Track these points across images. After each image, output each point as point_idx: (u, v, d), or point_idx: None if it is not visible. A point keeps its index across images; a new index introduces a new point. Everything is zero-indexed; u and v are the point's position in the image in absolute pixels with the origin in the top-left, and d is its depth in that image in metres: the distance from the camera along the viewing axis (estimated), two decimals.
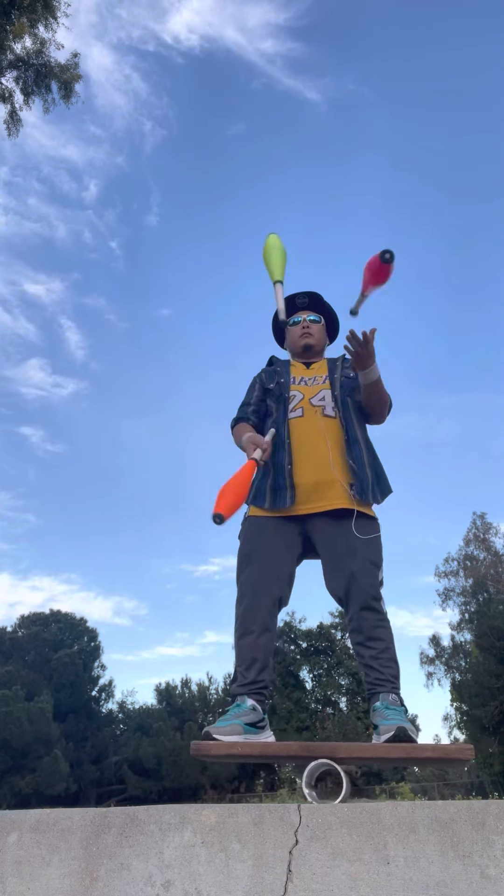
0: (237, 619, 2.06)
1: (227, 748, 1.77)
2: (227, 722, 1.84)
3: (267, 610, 2.04)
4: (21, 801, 23.32)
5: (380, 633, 1.99)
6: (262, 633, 2.01)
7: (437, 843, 1.21)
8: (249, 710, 1.90)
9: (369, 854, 1.21)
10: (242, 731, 1.84)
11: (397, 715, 1.84)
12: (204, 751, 1.77)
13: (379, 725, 1.84)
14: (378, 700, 1.91)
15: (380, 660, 1.96)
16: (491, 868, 1.18)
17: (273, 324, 2.63)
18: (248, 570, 2.09)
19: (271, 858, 1.23)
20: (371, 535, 2.07)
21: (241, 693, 1.95)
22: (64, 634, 31.53)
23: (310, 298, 2.55)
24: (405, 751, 1.68)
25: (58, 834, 1.35)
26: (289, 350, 2.59)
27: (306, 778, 1.69)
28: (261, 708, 1.93)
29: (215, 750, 1.77)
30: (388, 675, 1.94)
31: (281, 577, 2.10)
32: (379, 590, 2.05)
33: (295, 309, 2.57)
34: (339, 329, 2.65)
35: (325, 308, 2.58)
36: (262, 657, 1.99)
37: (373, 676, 1.95)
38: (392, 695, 1.91)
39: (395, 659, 2.00)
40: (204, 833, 1.28)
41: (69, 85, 14.44)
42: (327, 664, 33.56)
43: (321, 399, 2.30)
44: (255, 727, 1.89)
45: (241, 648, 2.01)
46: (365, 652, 1.99)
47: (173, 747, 27.05)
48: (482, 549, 31.32)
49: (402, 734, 1.74)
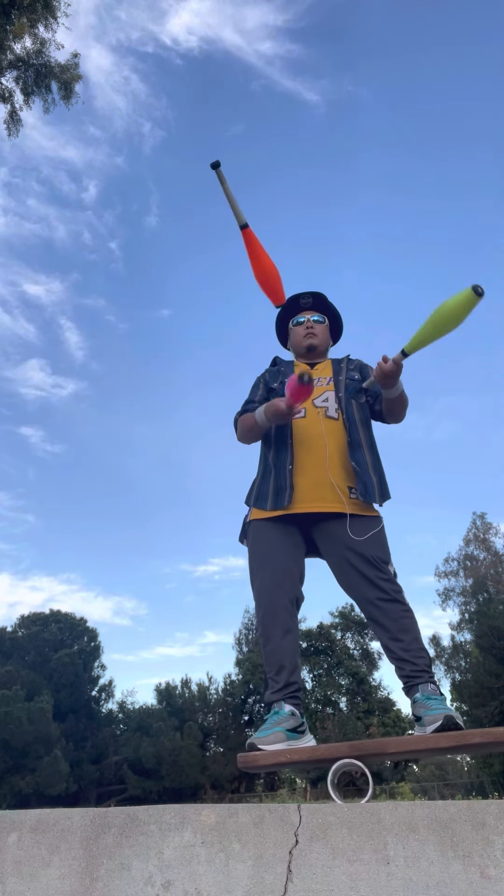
0: (259, 626, 2.07)
1: (273, 757, 1.74)
2: (269, 731, 1.82)
3: (286, 611, 2.03)
4: (21, 801, 23.32)
5: (407, 623, 1.98)
6: (284, 635, 2.00)
7: (437, 843, 1.21)
8: (288, 715, 1.88)
9: (369, 854, 1.21)
10: (285, 737, 1.83)
11: (440, 704, 1.83)
12: (251, 762, 1.74)
13: (423, 717, 1.82)
14: (418, 692, 1.89)
15: (411, 651, 1.95)
16: (491, 868, 1.18)
17: (277, 324, 2.63)
18: (260, 575, 2.09)
19: (271, 858, 1.23)
20: (369, 534, 2.06)
21: (276, 700, 1.93)
22: (64, 634, 31.52)
23: (314, 298, 2.54)
24: (455, 739, 1.66)
25: (58, 834, 1.35)
26: (292, 350, 2.58)
27: (332, 777, 1.66)
28: (299, 712, 1.92)
29: (263, 760, 1.74)
30: (422, 666, 1.93)
31: (294, 577, 2.10)
32: (397, 582, 2.04)
33: (299, 309, 2.56)
34: (343, 329, 2.65)
35: (329, 308, 2.57)
36: (289, 660, 1.98)
37: (408, 669, 1.94)
38: (430, 685, 1.90)
39: (425, 648, 1.99)
40: (204, 833, 1.28)
41: (69, 85, 14.43)
42: (327, 664, 33.57)
43: (324, 400, 2.30)
44: (296, 732, 1.87)
45: (268, 654, 2.00)
46: (394, 646, 1.97)
47: (173, 747, 27.05)
48: (482, 549, 31.33)
49: (450, 723, 1.72)
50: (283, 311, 2.59)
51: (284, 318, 2.61)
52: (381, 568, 2.03)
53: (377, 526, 2.11)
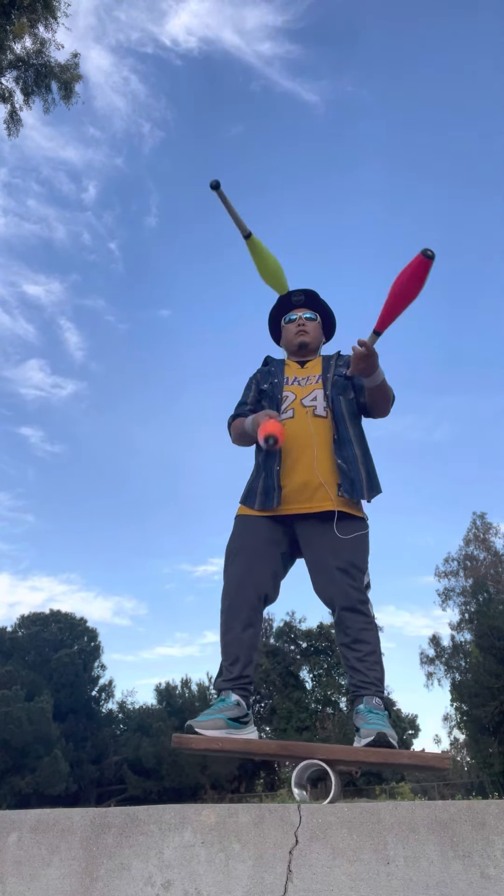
0: (222, 615, 2.08)
1: (207, 742, 1.78)
2: (210, 716, 1.86)
3: (251, 606, 2.05)
4: (21, 801, 23.31)
5: (365, 635, 1.99)
6: (245, 628, 2.02)
7: (437, 843, 1.21)
8: (234, 704, 1.91)
9: (369, 854, 1.21)
10: (225, 725, 1.85)
11: (379, 720, 1.85)
12: (185, 743, 1.79)
13: (361, 728, 1.85)
14: (362, 703, 1.92)
15: (365, 662, 1.97)
16: (491, 868, 1.18)
17: (269, 321, 2.64)
18: (233, 566, 2.11)
19: (271, 858, 1.23)
20: (354, 534, 2.07)
21: (225, 688, 1.96)
22: (64, 634, 31.52)
23: (306, 296, 2.55)
24: (383, 756, 1.70)
25: (58, 834, 1.35)
26: (284, 348, 2.58)
27: (295, 777, 1.71)
28: (245, 703, 1.94)
29: (196, 744, 1.78)
30: (372, 678, 1.95)
31: (266, 575, 2.10)
32: (365, 593, 2.05)
33: (291, 306, 2.56)
34: (336, 327, 2.65)
35: (321, 305, 2.57)
36: (245, 653, 2.00)
37: (357, 679, 1.96)
38: (375, 698, 1.92)
39: (381, 662, 2.00)
40: (204, 833, 1.28)
41: (69, 85, 14.42)
42: (327, 664, 33.57)
43: (313, 399, 2.30)
44: (239, 722, 1.90)
45: (226, 644, 2.02)
46: (350, 654, 2.00)
47: (173, 748, 27.03)
48: (482, 549, 31.33)
49: (381, 740, 1.75)
50: (275, 308, 2.60)
51: (277, 316, 2.61)
52: (354, 576, 2.04)
53: (363, 529, 2.12)
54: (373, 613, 2.05)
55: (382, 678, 1.98)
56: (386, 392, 2.29)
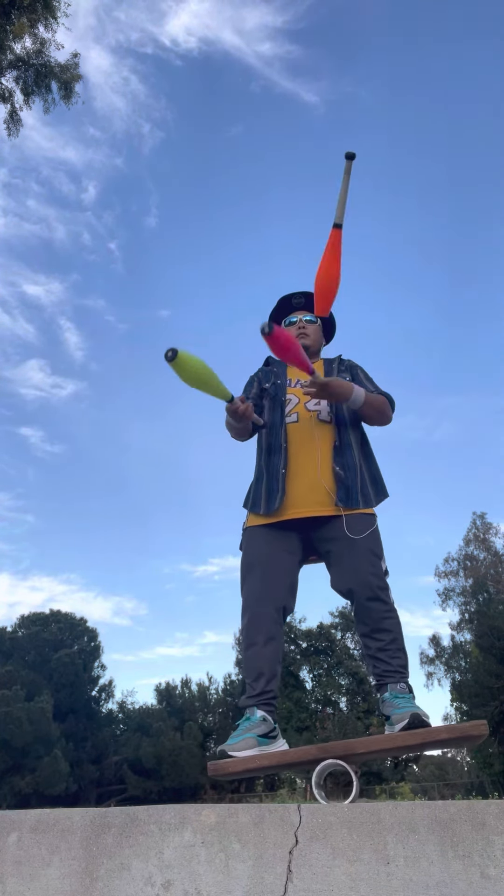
0: (242, 631, 2.06)
1: (243, 764, 1.75)
2: (240, 737, 1.83)
3: (271, 619, 2.03)
4: (21, 801, 23.31)
5: (387, 623, 1.98)
6: (266, 643, 2.00)
7: (437, 843, 1.21)
8: (260, 721, 1.89)
9: (369, 854, 1.21)
10: (256, 743, 1.83)
11: (408, 703, 1.83)
12: (222, 770, 1.76)
13: (391, 715, 1.83)
14: (387, 691, 1.90)
15: (388, 651, 1.95)
16: (491, 868, 1.18)
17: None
18: (250, 580, 2.09)
19: (271, 858, 1.23)
20: (365, 533, 2.06)
21: (250, 705, 1.94)
22: (64, 634, 31.50)
23: (306, 299, 2.55)
24: (422, 736, 1.67)
25: (58, 834, 1.35)
26: None
27: (316, 778, 1.68)
28: (271, 718, 1.93)
29: (233, 767, 1.76)
30: (396, 666, 1.93)
31: (284, 586, 2.09)
32: (384, 579, 2.04)
33: (291, 309, 2.56)
34: (335, 330, 2.65)
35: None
36: (268, 668, 1.98)
37: (381, 668, 1.94)
38: (400, 683, 1.90)
39: (404, 649, 1.99)
40: (204, 833, 1.28)
41: (69, 85, 14.43)
42: (327, 664, 33.55)
43: (317, 404, 2.30)
44: (268, 737, 1.88)
45: (248, 660, 2.00)
46: (372, 643, 1.98)
47: (173, 747, 27.05)
48: (482, 549, 31.33)
49: (416, 721, 1.72)
50: (275, 311, 2.60)
51: (276, 319, 2.61)
52: (373, 563, 2.03)
53: (372, 524, 2.11)
54: (392, 600, 2.03)
55: (406, 665, 1.97)
56: (375, 409, 2.28)
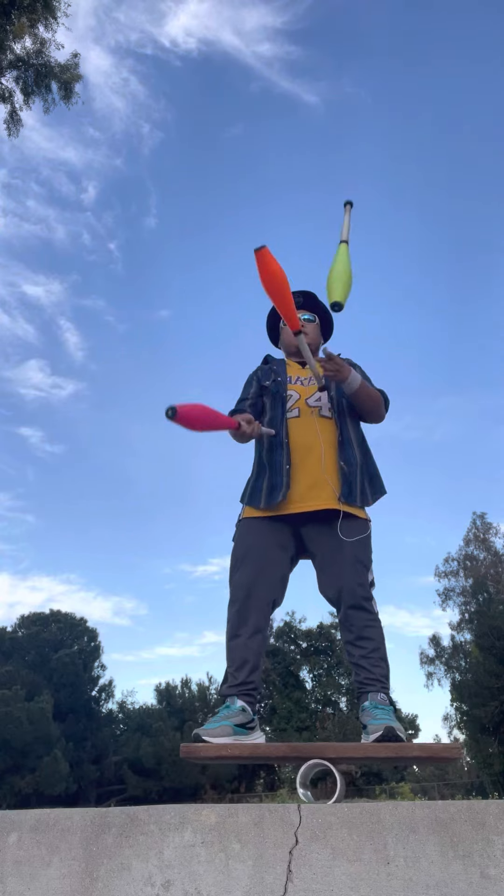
0: (229, 621, 2.07)
1: (216, 750, 1.77)
2: (217, 724, 1.85)
3: (259, 611, 2.04)
4: (21, 801, 23.31)
5: (370, 632, 2.00)
6: (252, 634, 2.01)
7: (437, 843, 1.21)
8: (239, 711, 1.91)
9: (369, 854, 1.21)
10: (232, 731, 1.85)
11: (385, 714, 1.85)
12: (194, 753, 1.77)
13: (367, 725, 1.85)
14: (367, 699, 1.93)
15: (370, 659, 1.97)
16: (491, 868, 1.18)
17: (267, 324, 2.64)
18: (240, 571, 2.10)
19: (271, 858, 1.23)
20: (358, 537, 2.07)
21: (230, 694, 1.95)
22: (64, 634, 31.51)
23: (304, 297, 2.55)
24: (393, 750, 1.69)
25: (58, 834, 1.35)
26: (283, 350, 2.59)
27: (300, 778, 1.71)
28: (251, 709, 1.94)
29: (205, 752, 1.77)
30: (377, 675, 1.95)
31: (274, 579, 2.10)
32: (369, 590, 2.06)
33: None
34: (333, 328, 2.65)
35: (319, 307, 2.58)
36: (252, 658, 1.99)
37: (362, 676, 1.97)
38: (381, 694, 1.93)
39: (385, 658, 2.01)
40: (204, 833, 1.28)
41: (69, 85, 14.42)
42: (327, 664, 33.56)
43: (317, 399, 2.31)
44: (245, 728, 1.90)
45: (232, 650, 2.02)
46: (355, 651, 2.00)
47: (173, 747, 27.02)
48: (482, 549, 31.34)
49: (389, 734, 1.75)
50: (273, 310, 2.59)
51: (275, 318, 2.61)
52: (359, 573, 2.04)
53: (365, 531, 2.12)
54: (377, 610, 2.05)
55: (387, 675, 1.99)
56: (368, 397, 2.29)
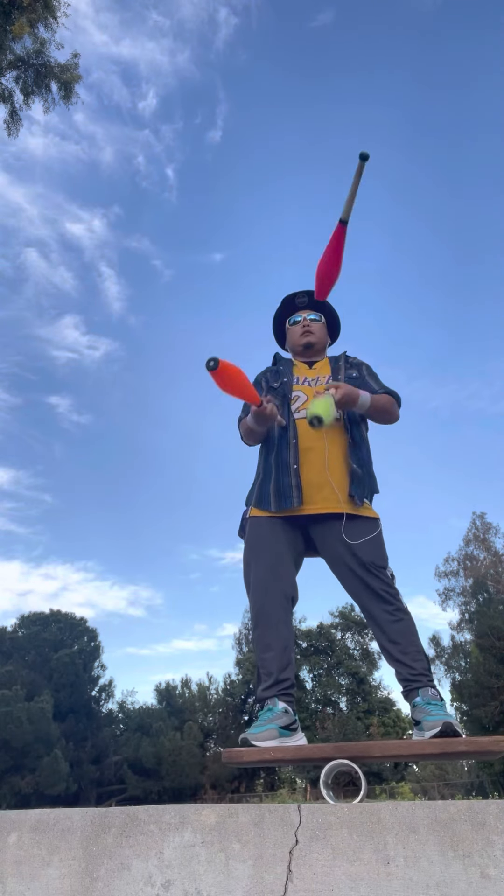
0: (252, 620, 2.07)
1: (259, 754, 1.74)
2: (263, 727, 1.83)
3: (282, 607, 2.04)
4: (21, 801, 23.31)
5: (402, 627, 1.98)
6: (279, 633, 2.00)
7: (437, 843, 1.21)
8: (282, 712, 1.89)
9: (369, 854, 1.21)
10: (278, 734, 1.83)
11: (440, 710, 1.82)
12: (236, 758, 1.74)
13: (422, 721, 1.81)
14: (418, 696, 1.89)
15: (408, 654, 1.95)
16: (491, 868, 1.18)
17: (274, 324, 2.64)
18: (255, 572, 2.10)
19: (271, 858, 1.23)
20: (366, 538, 2.06)
21: (269, 696, 1.93)
22: (64, 634, 31.52)
23: (309, 297, 2.55)
24: (440, 746, 1.66)
25: (58, 834, 1.35)
26: (290, 350, 2.59)
27: (324, 777, 1.67)
28: (291, 710, 1.92)
29: (248, 756, 1.74)
30: (420, 669, 1.93)
31: (290, 576, 2.10)
32: (392, 585, 2.04)
33: (295, 308, 2.57)
34: (340, 328, 2.65)
35: (325, 307, 2.58)
36: (283, 657, 1.98)
37: (405, 672, 1.94)
38: (431, 689, 1.90)
39: (423, 651, 1.98)
40: (204, 833, 1.28)
41: (69, 85, 14.44)
42: (327, 664, 33.58)
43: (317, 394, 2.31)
44: (289, 729, 1.88)
45: (262, 650, 2.01)
46: (392, 648, 1.97)
47: (173, 747, 27.06)
48: (482, 549, 31.35)
49: (448, 730, 1.71)
50: (279, 311, 2.60)
51: (281, 318, 2.61)
52: (376, 573, 2.03)
53: (375, 529, 2.11)
54: (404, 604, 2.02)
55: (429, 667, 1.97)
56: (382, 410, 2.29)
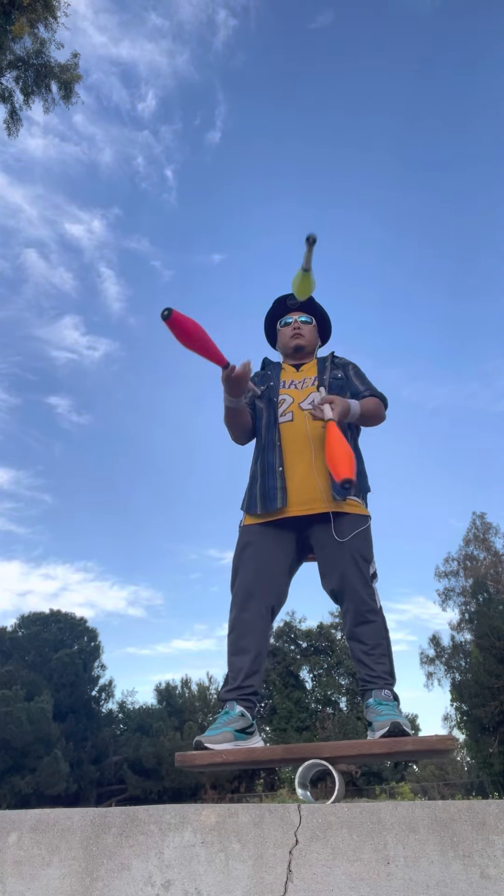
0: (230, 626, 2.07)
1: (211, 757, 1.76)
2: (218, 730, 1.85)
3: (260, 616, 2.04)
4: (21, 801, 23.31)
5: (371, 628, 1.98)
6: (253, 640, 2.01)
7: (437, 843, 1.21)
8: (238, 716, 1.90)
9: (369, 854, 1.21)
10: (233, 737, 1.84)
11: (390, 710, 1.83)
12: (189, 761, 1.76)
13: (373, 722, 1.84)
14: (371, 697, 1.91)
15: (372, 656, 1.96)
16: (491, 868, 1.18)
17: (265, 325, 2.66)
18: (240, 576, 2.10)
19: (271, 858, 1.23)
20: (355, 532, 2.06)
21: (229, 699, 1.95)
22: (64, 634, 31.52)
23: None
24: (387, 746, 1.67)
25: (58, 834, 1.35)
26: (280, 351, 2.61)
27: (299, 778, 1.70)
28: (249, 714, 1.94)
29: (200, 759, 1.76)
30: (379, 672, 1.94)
31: (275, 582, 2.10)
32: (371, 583, 2.05)
33: (286, 310, 2.58)
34: (331, 330, 2.66)
35: (316, 309, 2.59)
36: (250, 664, 1.99)
37: (364, 673, 1.96)
38: (385, 690, 1.91)
39: (389, 655, 1.99)
40: (204, 833, 1.28)
41: (69, 85, 14.45)
42: (327, 664, 33.57)
43: (310, 402, 2.31)
44: (245, 733, 1.89)
45: (231, 654, 2.02)
46: (357, 647, 1.99)
47: (173, 747, 27.05)
48: (482, 549, 31.35)
49: (396, 729, 1.73)
50: (270, 312, 2.61)
51: (272, 320, 2.63)
52: (360, 567, 2.03)
53: (364, 524, 2.12)
54: (379, 605, 2.03)
55: (391, 671, 1.97)
56: (370, 415, 2.30)
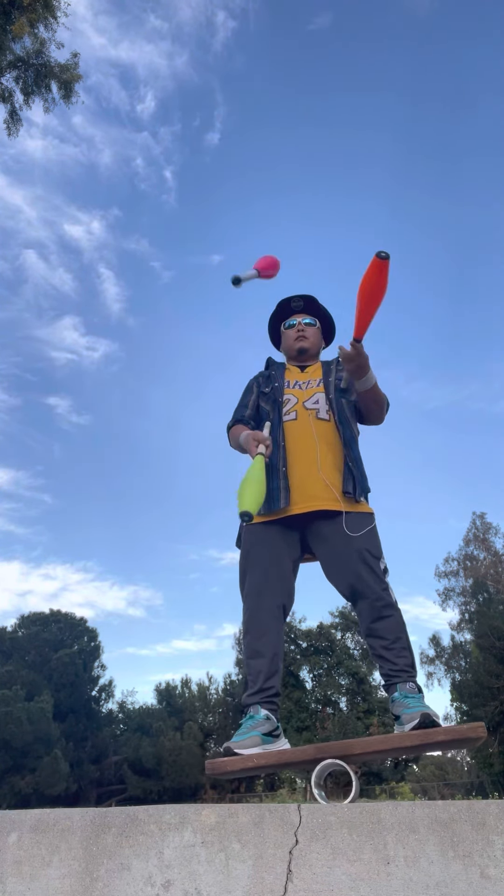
0: (244, 627, 2.07)
1: (242, 762, 1.74)
2: (246, 735, 1.83)
3: (273, 616, 2.04)
4: (21, 801, 23.31)
5: (389, 622, 1.97)
6: (268, 640, 2.00)
7: (437, 843, 1.21)
8: (263, 720, 1.89)
9: (369, 854, 1.21)
10: (261, 741, 1.83)
11: (418, 702, 1.82)
12: (220, 768, 1.73)
13: (401, 715, 1.82)
14: (396, 690, 1.89)
15: (392, 650, 1.94)
16: (491, 868, 1.18)
17: (269, 327, 2.65)
18: (249, 577, 2.10)
19: (271, 858, 1.23)
20: (365, 529, 2.06)
21: (253, 703, 1.94)
22: (64, 634, 31.54)
23: (305, 302, 2.57)
24: (419, 738, 1.66)
25: (58, 834, 1.35)
26: (284, 353, 2.61)
27: (315, 778, 1.67)
28: (274, 717, 1.92)
29: (231, 766, 1.74)
30: (402, 665, 1.93)
31: (284, 583, 2.10)
32: (384, 578, 2.04)
33: (290, 312, 2.58)
34: (335, 332, 2.66)
35: (320, 311, 2.59)
36: (270, 665, 1.98)
37: (387, 668, 1.94)
38: (409, 683, 1.90)
39: (409, 647, 1.98)
40: (204, 833, 1.28)
41: (69, 85, 14.46)
42: (327, 664, 33.55)
43: (315, 402, 2.32)
44: (271, 736, 1.88)
45: (249, 657, 2.01)
46: (376, 643, 1.97)
47: (173, 747, 27.07)
48: (482, 549, 31.36)
49: (426, 720, 1.71)
50: (274, 314, 2.61)
51: (276, 322, 2.63)
52: (371, 564, 2.03)
53: (371, 523, 2.12)
54: (395, 599, 2.02)
55: (413, 664, 1.96)
56: (378, 396, 2.30)
